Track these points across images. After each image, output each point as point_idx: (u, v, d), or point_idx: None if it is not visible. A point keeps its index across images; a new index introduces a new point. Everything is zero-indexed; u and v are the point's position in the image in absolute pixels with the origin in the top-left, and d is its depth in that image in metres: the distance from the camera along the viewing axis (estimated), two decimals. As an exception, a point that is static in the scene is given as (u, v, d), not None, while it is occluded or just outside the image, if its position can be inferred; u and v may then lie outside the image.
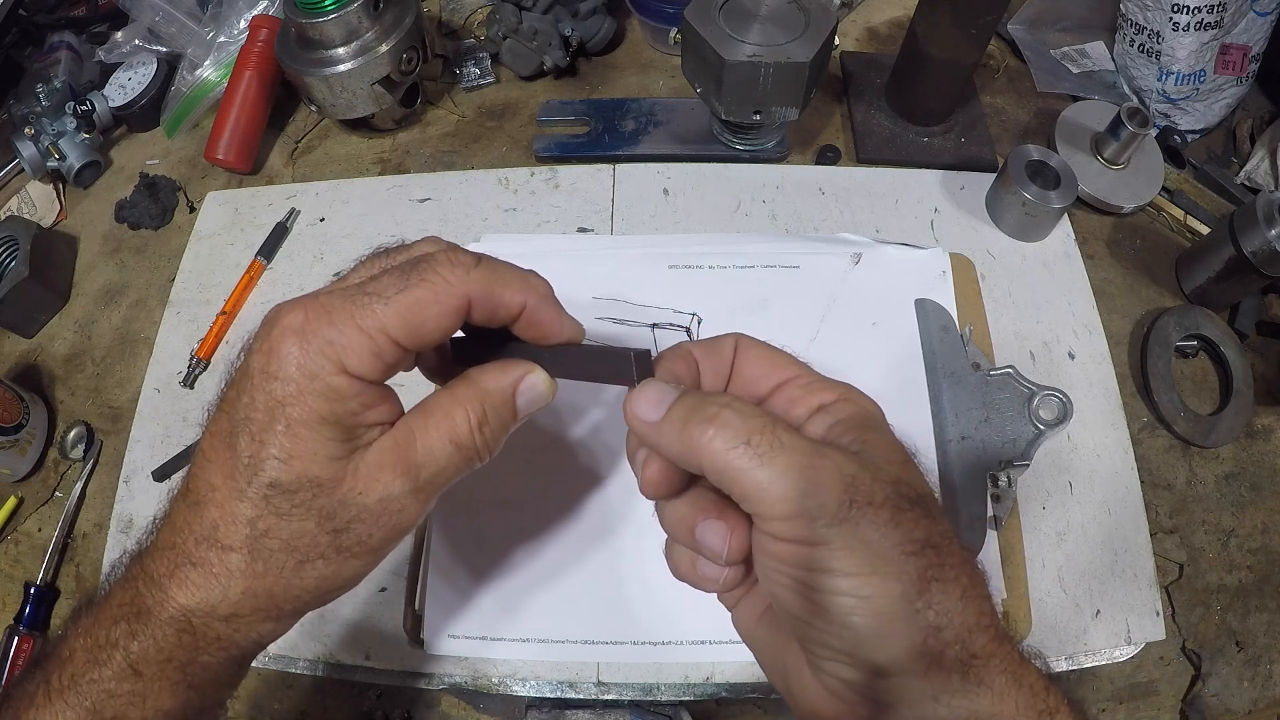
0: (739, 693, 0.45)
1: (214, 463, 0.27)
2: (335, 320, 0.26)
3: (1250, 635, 0.48)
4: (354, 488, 0.27)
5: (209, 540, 0.27)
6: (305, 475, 0.26)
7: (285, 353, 0.26)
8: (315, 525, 0.27)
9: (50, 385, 0.59)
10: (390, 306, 0.26)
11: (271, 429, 0.26)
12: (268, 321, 0.27)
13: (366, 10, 0.59)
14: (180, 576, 0.27)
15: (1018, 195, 0.56)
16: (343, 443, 0.27)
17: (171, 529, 0.28)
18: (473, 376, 0.30)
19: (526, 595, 0.47)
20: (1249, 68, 0.67)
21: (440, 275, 0.27)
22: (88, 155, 0.67)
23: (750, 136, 0.63)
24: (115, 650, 0.27)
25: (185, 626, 0.27)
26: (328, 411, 0.26)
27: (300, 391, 0.26)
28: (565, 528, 0.48)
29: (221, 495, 0.27)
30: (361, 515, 0.27)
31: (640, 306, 0.55)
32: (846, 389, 0.29)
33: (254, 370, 0.27)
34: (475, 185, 0.63)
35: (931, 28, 0.58)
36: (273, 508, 0.27)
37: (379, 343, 0.27)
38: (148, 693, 0.27)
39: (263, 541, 0.27)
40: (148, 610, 0.27)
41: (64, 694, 0.26)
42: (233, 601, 0.27)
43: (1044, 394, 0.48)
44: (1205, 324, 0.56)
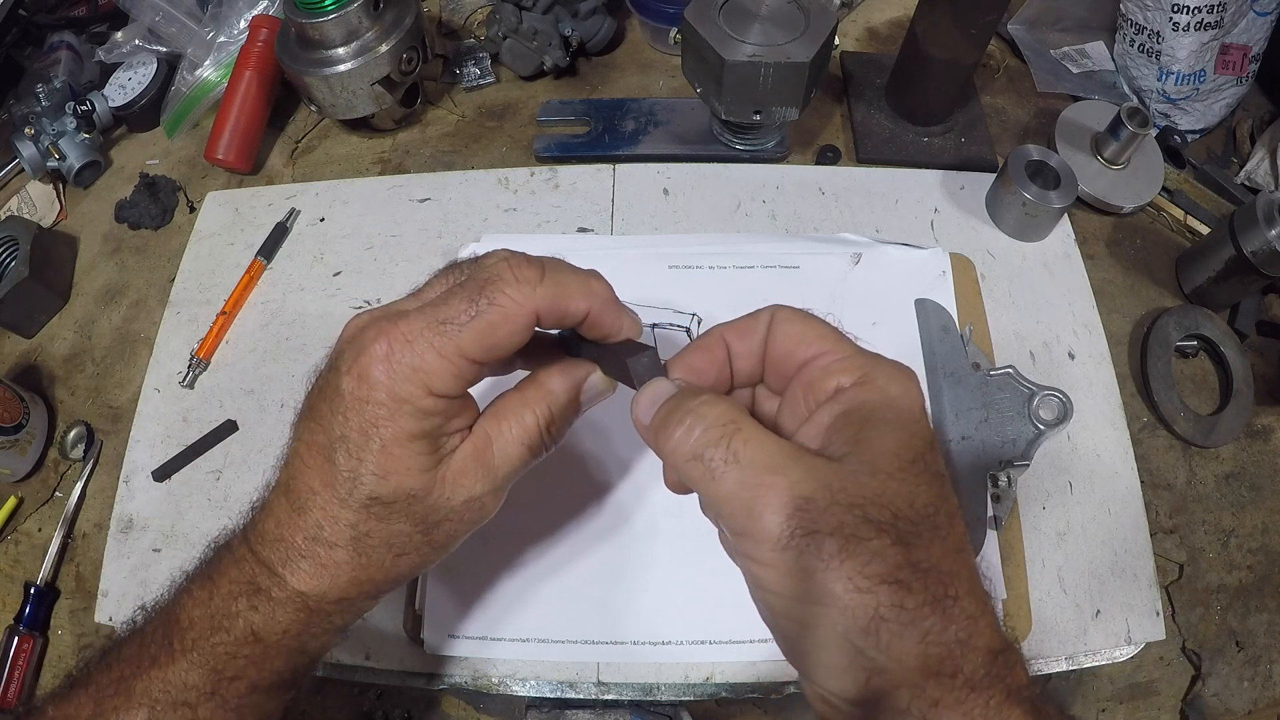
0: (739, 693, 0.45)
1: (312, 469, 0.30)
2: (417, 349, 0.29)
3: (1250, 635, 0.48)
4: (442, 493, 0.31)
5: (315, 539, 0.30)
6: (401, 488, 0.30)
7: (375, 379, 0.29)
8: (410, 526, 0.31)
9: (50, 385, 0.59)
10: (465, 332, 0.29)
11: (367, 448, 0.29)
12: (354, 344, 0.30)
13: (366, 10, 0.59)
14: (294, 567, 0.30)
15: (1018, 195, 0.56)
16: (431, 455, 0.30)
17: (276, 523, 0.31)
18: (540, 379, 0.33)
19: (526, 595, 0.47)
20: (1249, 68, 0.67)
21: (508, 296, 0.29)
22: (88, 155, 0.67)
23: (750, 136, 0.63)
24: (238, 619, 0.30)
25: (302, 607, 0.31)
26: (417, 430, 0.29)
27: (391, 414, 0.29)
28: (566, 528, 0.48)
29: (323, 500, 0.30)
30: (449, 515, 0.31)
31: (640, 306, 0.54)
32: (869, 369, 0.28)
33: (345, 392, 0.29)
34: (475, 185, 0.63)
35: (931, 28, 0.58)
36: (373, 514, 0.30)
37: (459, 365, 0.29)
38: (266, 656, 0.31)
39: (365, 541, 0.30)
40: (266, 590, 0.30)
41: (188, 654, 0.30)
42: (341, 588, 0.31)
43: (1044, 394, 0.48)
44: (1205, 324, 0.56)
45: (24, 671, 0.48)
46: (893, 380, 0.27)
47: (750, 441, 0.25)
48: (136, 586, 0.49)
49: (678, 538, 0.48)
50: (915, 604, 0.23)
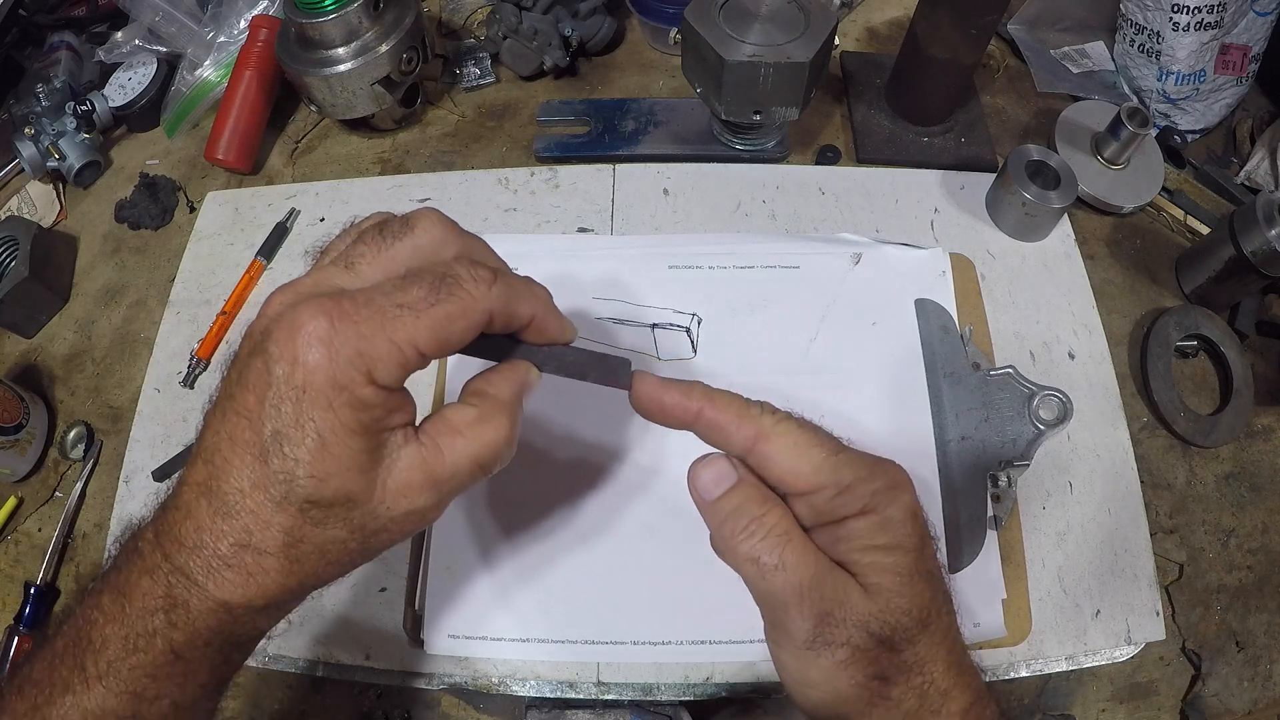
0: (739, 693, 0.45)
1: (240, 469, 0.27)
2: (364, 331, 0.26)
3: (1250, 635, 0.48)
4: (383, 501, 0.28)
5: (244, 546, 0.27)
6: (340, 491, 0.27)
7: (313, 365, 0.26)
8: (347, 533, 0.28)
9: (50, 385, 0.59)
10: (421, 321, 0.27)
11: (304, 444, 0.26)
12: (283, 322, 0.27)
13: (366, 10, 0.59)
14: (218, 578, 0.28)
15: (1018, 195, 0.56)
16: (371, 454, 0.28)
17: (197, 527, 0.28)
18: (487, 392, 0.31)
19: (527, 595, 0.47)
20: (1249, 68, 0.67)
21: (467, 292, 0.28)
22: (88, 155, 0.67)
23: (750, 136, 0.63)
24: (156, 638, 0.28)
25: (225, 618, 0.28)
26: (357, 424, 0.27)
27: (330, 404, 0.26)
28: (566, 528, 0.48)
29: (254, 503, 0.27)
30: (388, 525, 0.29)
31: (640, 306, 0.55)
32: (866, 498, 0.30)
33: (278, 380, 0.26)
34: (475, 185, 0.63)
35: (931, 28, 0.58)
36: (309, 519, 0.27)
37: (407, 354, 0.27)
38: (189, 672, 0.29)
39: (298, 548, 0.28)
40: (186, 603, 0.28)
41: (103, 679, 0.27)
42: (269, 595, 0.28)
43: (1044, 394, 0.48)
44: (1205, 324, 0.56)
45: (24, 671, 0.48)
46: (891, 503, 0.30)
47: (797, 554, 0.30)
48: (136, 586, 0.49)
49: (678, 538, 0.48)
50: (899, 693, 0.29)
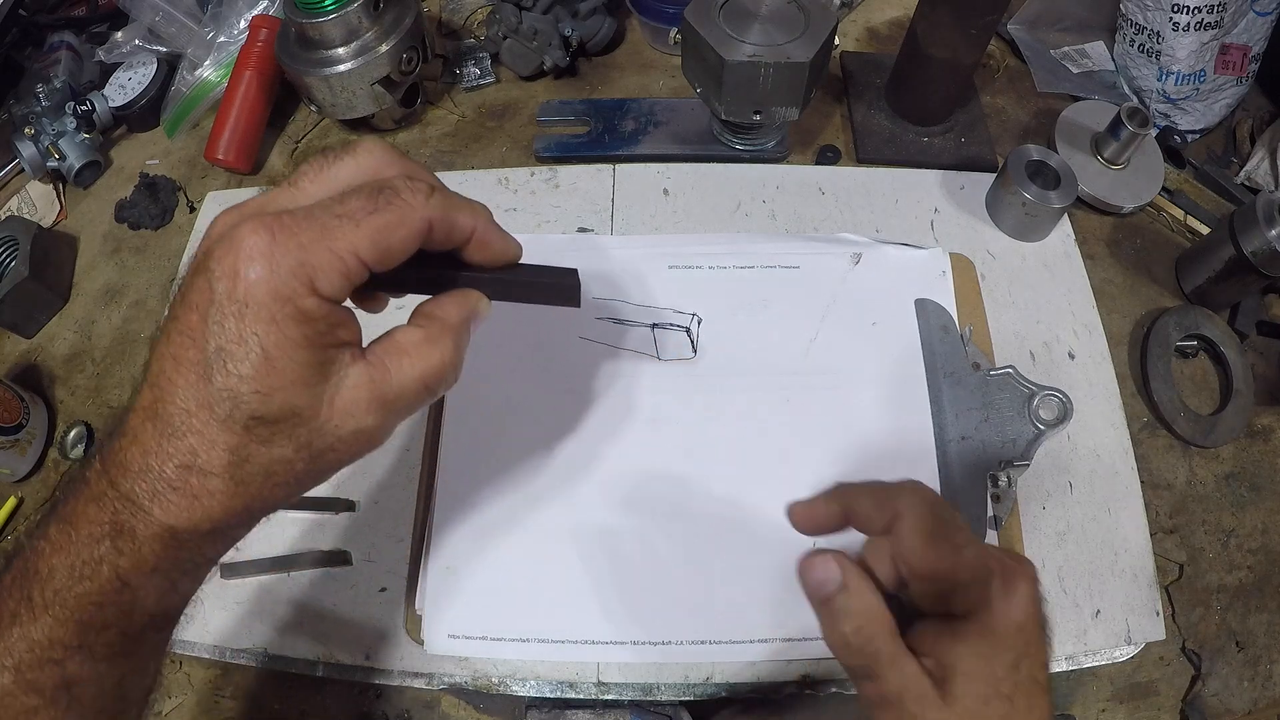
0: (739, 693, 0.45)
1: (184, 389, 0.27)
2: (304, 242, 0.26)
3: (1250, 635, 0.48)
4: (330, 419, 0.28)
5: (189, 467, 0.27)
6: (286, 406, 0.27)
7: (254, 278, 0.26)
8: (293, 452, 0.28)
9: (50, 385, 0.59)
10: (361, 229, 0.27)
11: (247, 359, 0.26)
12: (225, 240, 0.26)
13: (366, 10, 0.59)
14: (163, 500, 0.27)
15: (1018, 195, 0.56)
16: (316, 369, 0.28)
17: (142, 451, 0.27)
18: (435, 314, 0.31)
19: (526, 595, 0.47)
20: (1249, 68, 0.67)
21: (405, 200, 0.28)
22: (88, 155, 0.67)
23: (750, 136, 0.63)
24: (102, 565, 0.27)
25: (171, 543, 0.28)
26: (300, 336, 0.27)
27: (273, 318, 0.26)
28: (566, 528, 0.48)
29: (199, 423, 0.27)
30: (335, 445, 0.29)
31: (640, 306, 0.55)
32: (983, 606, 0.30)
33: (220, 295, 0.26)
34: (475, 185, 0.63)
35: (931, 28, 0.58)
36: (254, 437, 0.27)
37: (349, 264, 0.27)
38: (135, 601, 0.28)
39: (244, 467, 0.27)
40: (131, 529, 0.27)
41: (49, 609, 0.27)
42: (215, 519, 0.28)
43: (1044, 394, 0.48)
44: (1205, 324, 0.56)
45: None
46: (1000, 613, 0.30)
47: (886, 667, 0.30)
48: (136, 586, 0.49)
49: (678, 538, 0.48)
50: None
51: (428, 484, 0.50)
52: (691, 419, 0.51)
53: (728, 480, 0.49)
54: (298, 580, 0.49)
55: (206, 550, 0.30)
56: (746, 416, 0.51)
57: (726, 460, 0.50)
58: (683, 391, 0.52)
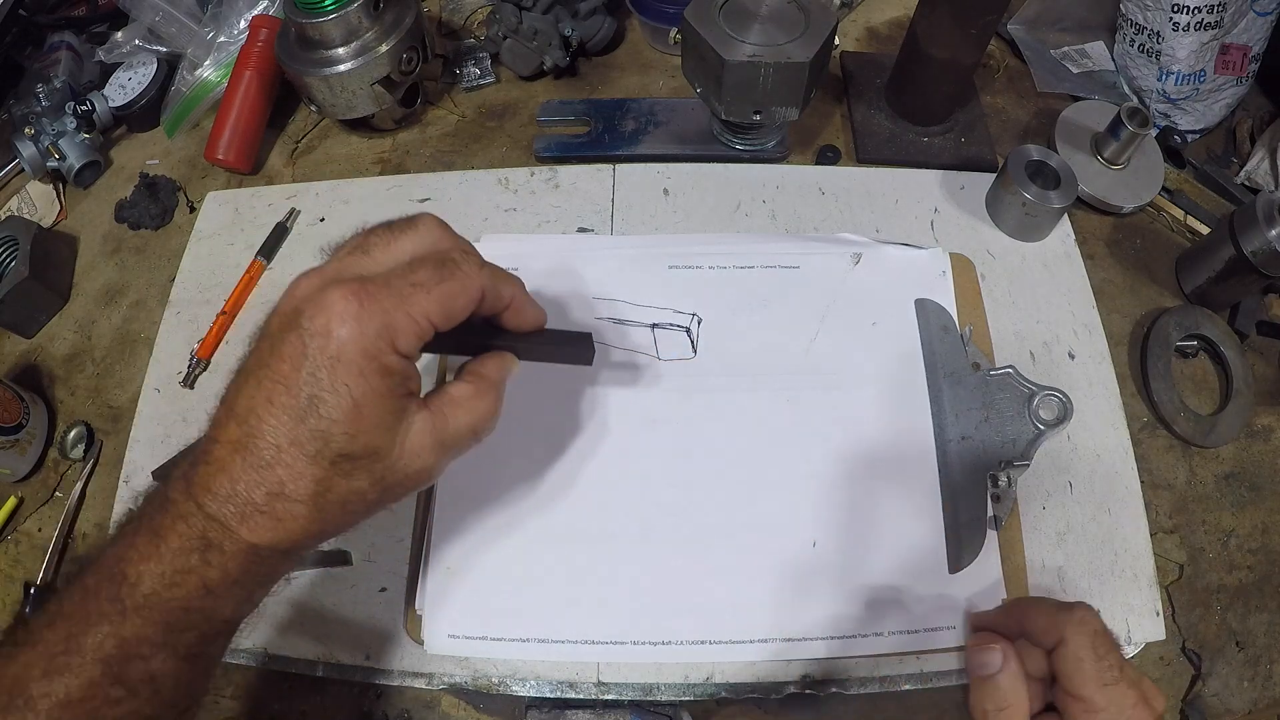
0: (739, 693, 0.45)
1: (278, 429, 0.31)
2: (387, 307, 0.31)
3: (1250, 635, 0.48)
4: (400, 457, 0.33)
5: (277, 495, 0.31)
6: (369, 446, 0.32)
7: (346, 337, 0.30)
8: (368, 485, 0.33)
9: (50, 385, 0.59)
10: (431, 296, 0.32)
11: (339, 406, 0.31)
12: (315, 301, 0.31)
13: (366, 10, 0.59)
14: (251, 523, 0.31)
15: (1018, 195, 0.56)
16: (395, 414, 0.33)
17: (230, 479, 0.31)
18: (480, 372, 0.37)
19: (526, 595, 0.47)
20: (1249, 68, 0.67)
21: (465, 271, 0.34)
22: (88, 155, 0.67)
23: (750, 136, 0.63)
24: (191, 575, 0.31)
25: (254, 559, 0.32)
26: (384, 388, 0.32)
27: (362, 371, 0.31)
28: (566, 528, 0.48)
29: (289, 458, 0.31)
30: (403, 480, 0.34)
31: (640, 306, 0.55)
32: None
33: (314, 351, 0.30)
34: (475, 185, 0.63)
35: (931, 28, 0.58)
36: (339, 471, 0.32)
37: (422, 326, 0.32)
38: (215, 606, 0.32)
39: (325, 497, 0.32)
40: (220, 545, 0.31)
41: (140, 611, 0.31)
42: (294, 540, 0.32)
43: (1044, 394, 0.48)
44: (1205, 324, 0.56)
45: (24, 671, 0.48)
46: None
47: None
48: (136, 586, 0.49)
49: (677, 538, 0.48)
50: None
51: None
52: (691, 419, 0.51)
53: (728, 480, 0.49)
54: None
55: (281, 566, 0.34)
56: (746, 416, 0.51)
57: (726, 460, 0.50)
58: (683, 391, 0.52)
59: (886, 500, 0.48)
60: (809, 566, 0.47)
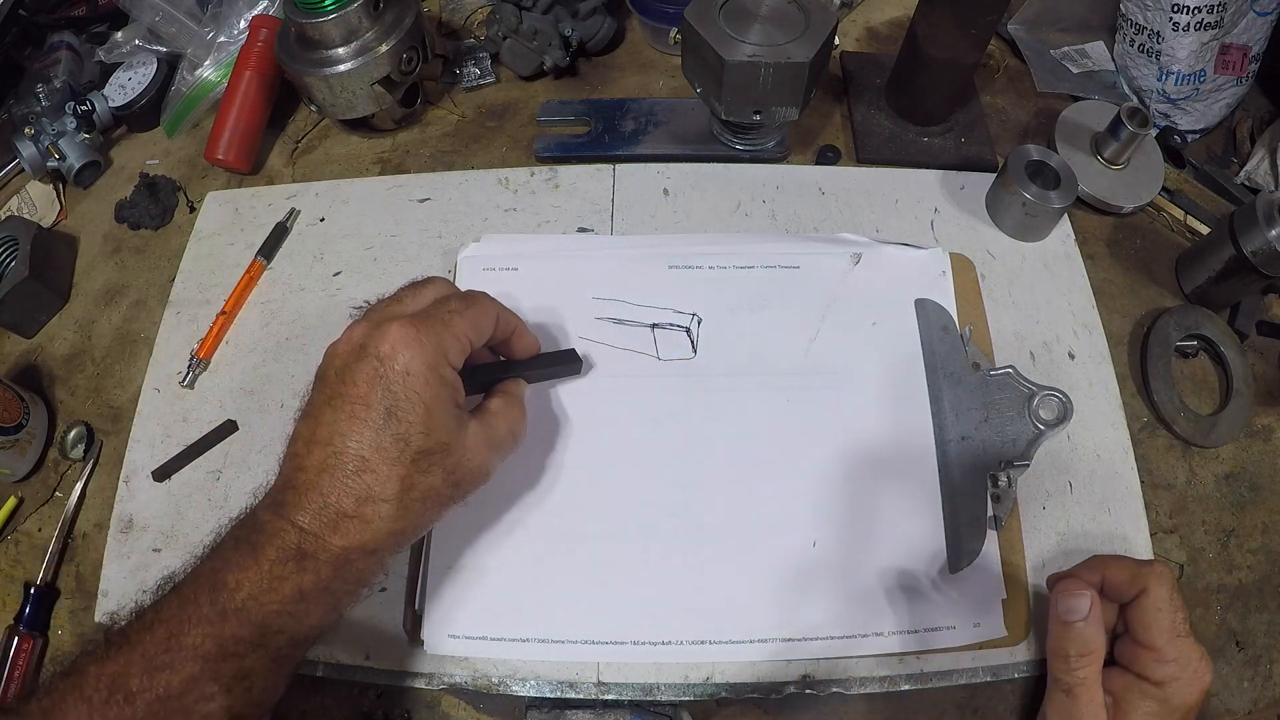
0: (739, 693, 0.45)
1: (357, 441, 0.36)
2: (437, 330, 0.39)
3: (1250, 635, 0.48)
4: (464, 453, 0.39)
5: (365, 499, 0.36)
6: (440, 442, 0.38)
7: (410, 358, 0.37)
8: (442, 479, 0.38)
9: (50, 385, 0.59)
10: (465, 319, 0.40)
11: (414, 411, 0.37)
12: (378, 334, 0.38)
13: (366, 10, 0.59)
14: (340, 527, 0.36)
15: (1018, 195, 0.56)
16: (457, 417, 0.39)
17: (321, 494, 0.36)
18: (508, 391, 0.45)
19: (526, 595, 0.47)
20: (1249, 68, 0.67)
21: (482, 300, 0.43)
22: (88, 155, 0.67)
23: (750, 136, 0.63)
24: (287, 582, 0.35)
25: (344, 564, 0.36)
26: (446, 395, 0.38)
27: (428, 381, 0.37)
28: (566, 528, 0.48)
29: (374, 464, 0.36)
30: (468, 475, 0.40)
31: (640, 306, 0.55)
32: (1177, 679, 0.38)
33: (385, 372, 0.37)
34: (475, 185, 0.63)
35: (931, 28, 0.58)
36: (418, 468, 0.37)
37: (463, 343, 0.40)
38: (306, 613, 0.36)
39: (409, 494, 0.37)
40: (313, 554, 0.36)
41: (238, 614, 0.34)
42: (380, 540, 0.37)
43: (1044, 394, 0.48)
44: (1205, 324, 0.56)
45: (24, 672, 0.48)
46: (1180, 694, 0.38)
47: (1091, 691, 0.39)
48: (136, 586, 0.49)
49: (678, 538, 0.48)
50: None
51: (428, 484, 0.50)
52: (691, 419, 0.51)
53: (728, 480, 0.49)
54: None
55: (367, 571, 0.38)
56: (746, 416, 0.51)
57: (726, 460, 0.50)
58: (683, 391, 0.52)
59: (886, 500, 0.48)
60: (809, 566, 0.47)
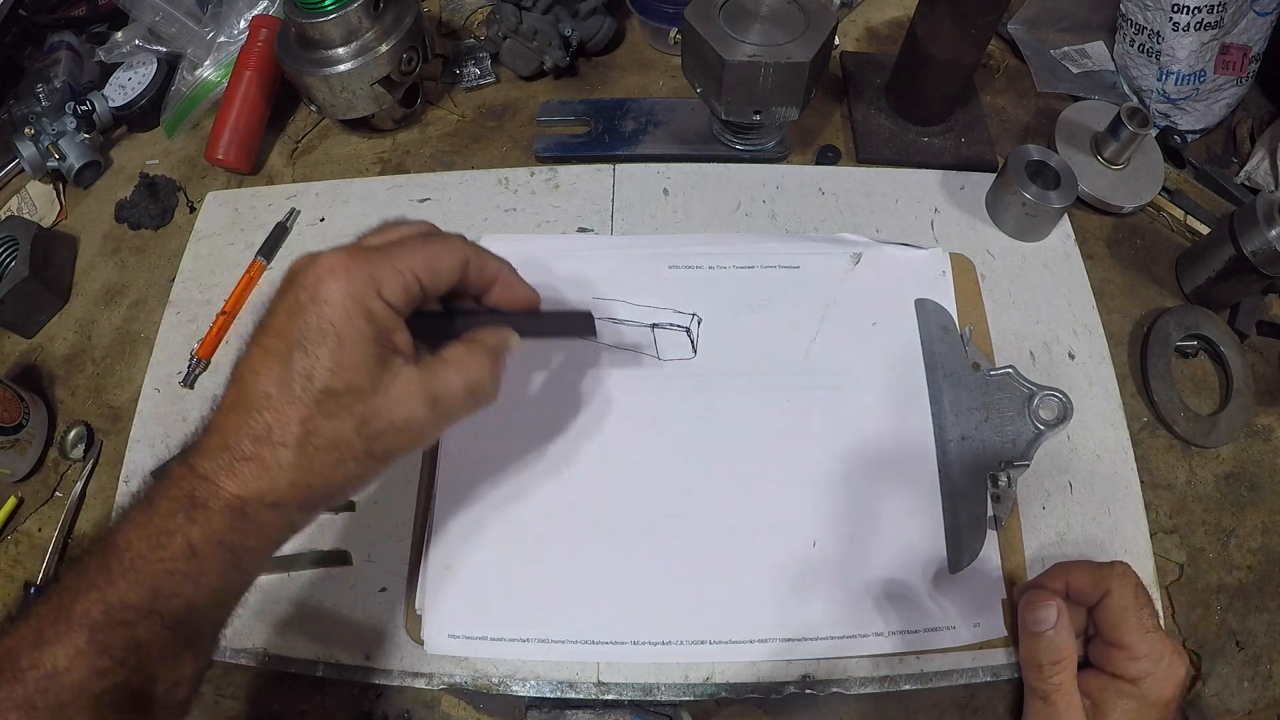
0: (739, 693, 0.45)
1: (267, 375, 0.32)
2: (374, 260, 0.33)
3: (1250, 635, 0.48)
4: (385, 403, 0.34)
5: (263, 439, 0.32)
6: (351, 383, 0.33)
7: (333, 284, 0.32)
8: (353, 429, 0.33)
9: (50, 385, 0.59)
10: (417, 254, 0.35)
11: (323, 344, 0.32)
12: (308, 262, 0.33)
13: (366, 10, 0.59)
14: (235, 471, 0.32)
15: (1018, 195, 0.56)
16: (378, 359, 0.33)
17: (221, 435, 0.33)
18: (476, 338, 0.38)
19: (526, 595, 0.47)
20: (1249, 68, 0.67)
21: (448, 238, 0.37)
22: (88, 155, 0.67)
23: (750, 136, 0.63)
24: (175, 535, 0.31)
25: (239, 512, 0.32)
26: (369, 331, 0.33)
27: (348, 313, 0.32)
28: (566, 527, 0.48)
29: (277, 402, 0.32)
30: (388, 430, 0.34)
31: (640, 306, 0.55)
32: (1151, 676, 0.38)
33: (304, 300, 0.32)
34: (475, 185, 0.63)
35: (931, 28, 0.58)
36: (322, 410, 0.32)
37: (407, 279, 0.34)
38: (202, 572, 0.32)
39: (310, 440, 0.32)
40: (204, 502, 0.32)
41: (126, 575, 0.31)
42: (280, 491, 0.33)
43: (1044, 394, 0.48)
44: (1205, 324, 0.56)
45: (24, 671, 0.48)
46: (1157, 689, 0.38)
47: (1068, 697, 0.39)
48: (136, 586, 0.49)
49: (678, 538, 0.48)
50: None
51: (428, 484, 0.50)
52: (691, 419, 0.51)
53: (728, 480, 0.49)
54: (298, 580, 0.49)
55: (267, 527, 0.33)
56: (746, 416, 0.51)
57: (726, 460, 0.50)
58: (683, 391, 0.52)
59: (886, 500, 0.48)
60: (809, 566, 0.47)
